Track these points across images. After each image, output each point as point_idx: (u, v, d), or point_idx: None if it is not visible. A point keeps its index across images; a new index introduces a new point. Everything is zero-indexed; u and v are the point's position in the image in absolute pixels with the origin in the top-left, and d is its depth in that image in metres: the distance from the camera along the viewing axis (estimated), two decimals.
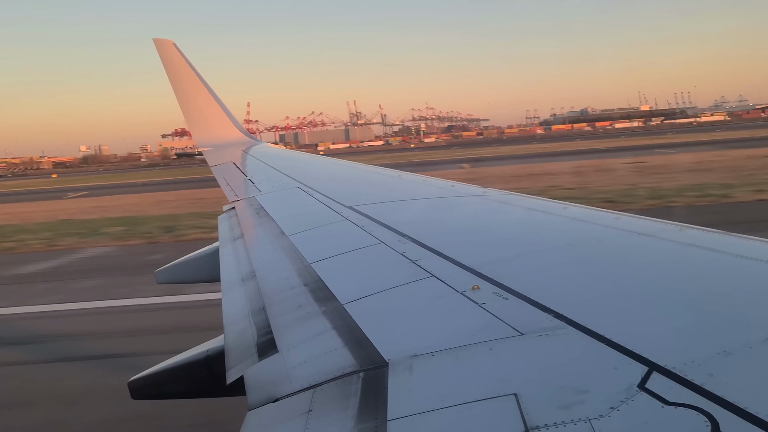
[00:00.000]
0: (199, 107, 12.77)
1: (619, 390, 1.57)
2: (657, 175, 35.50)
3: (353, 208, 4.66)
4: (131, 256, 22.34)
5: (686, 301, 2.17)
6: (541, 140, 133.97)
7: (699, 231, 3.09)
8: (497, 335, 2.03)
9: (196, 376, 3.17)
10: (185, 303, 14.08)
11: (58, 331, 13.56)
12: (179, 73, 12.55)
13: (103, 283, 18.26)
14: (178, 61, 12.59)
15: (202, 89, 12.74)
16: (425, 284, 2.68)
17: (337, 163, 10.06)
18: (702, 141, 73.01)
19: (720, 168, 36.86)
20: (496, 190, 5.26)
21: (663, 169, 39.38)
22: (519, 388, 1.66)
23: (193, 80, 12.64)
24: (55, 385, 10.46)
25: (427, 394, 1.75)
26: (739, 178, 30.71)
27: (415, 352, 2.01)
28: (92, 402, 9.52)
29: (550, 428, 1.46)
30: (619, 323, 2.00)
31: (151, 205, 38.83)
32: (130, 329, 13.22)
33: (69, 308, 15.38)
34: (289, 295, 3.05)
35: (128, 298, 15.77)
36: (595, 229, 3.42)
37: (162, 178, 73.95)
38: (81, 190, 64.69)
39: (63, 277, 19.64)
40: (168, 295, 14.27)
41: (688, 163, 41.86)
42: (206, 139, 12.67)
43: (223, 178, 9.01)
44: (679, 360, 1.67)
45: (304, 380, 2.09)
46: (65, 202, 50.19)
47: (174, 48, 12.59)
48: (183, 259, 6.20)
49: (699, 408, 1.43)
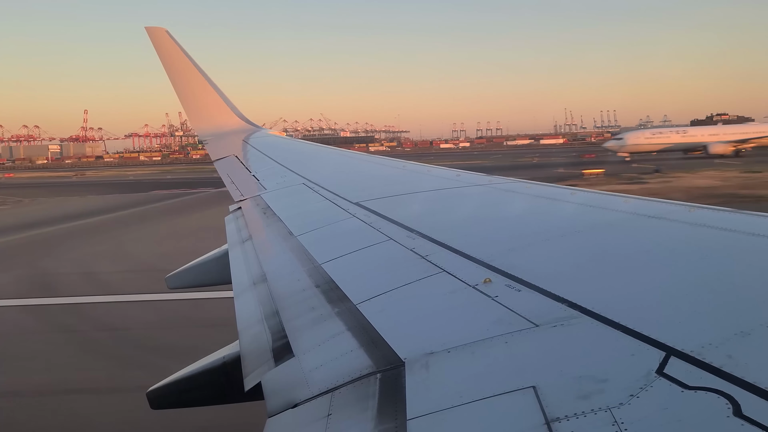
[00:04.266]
0: (197, 95, 12.42)
1: (637, 377, 1.56)
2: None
3: (360, 204, 4.65)
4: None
5: (700, 283, 2.16)
6: (439, 155, 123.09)
7: (709, 210, 3.06)
8: (512, 328, 2.02)
9: (214, 383, 3.18)
10: None
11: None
12: (174, 60, 12.22)
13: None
14: (172, 49, 12.26)
15: (198, 76, 12.38)
16: (437, 280, 2.68)
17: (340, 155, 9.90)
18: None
19: None
20: (502, 178, 5.23)
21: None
22: (537, 381, 1.65)
23: (189, 67, 12.30)
24: None
25: (445, 391, 1.75)
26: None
27: (430, 350, 2.01)
28: None
29: (570, 419, 1.45)
30: (633, 309, 1.99)
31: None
32: None
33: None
34: (302, 297, 3.05)
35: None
36: (603, 214, 3.40)
37: None
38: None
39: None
40: None
41: None
42: (206, 128, 12.40)
43: (227, 174, 8.84)
44: (696, 343, 1.66)
45: (321, 384, 2.09)
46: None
47: (167, 35, 12.26)
48: (193, 263, 6.20)
49: (719, 390, 1.42)
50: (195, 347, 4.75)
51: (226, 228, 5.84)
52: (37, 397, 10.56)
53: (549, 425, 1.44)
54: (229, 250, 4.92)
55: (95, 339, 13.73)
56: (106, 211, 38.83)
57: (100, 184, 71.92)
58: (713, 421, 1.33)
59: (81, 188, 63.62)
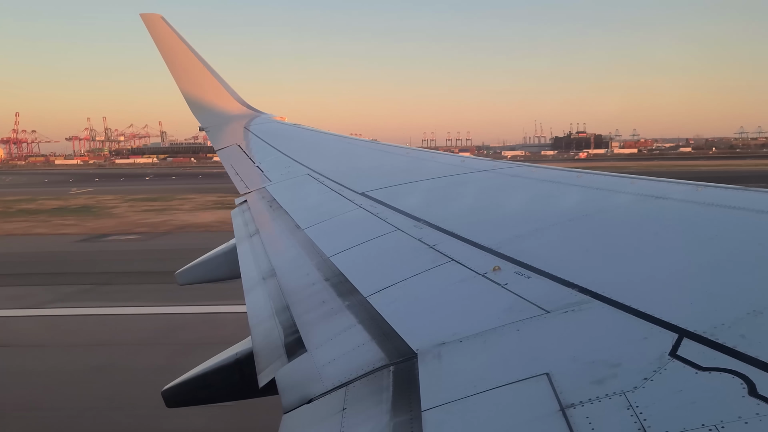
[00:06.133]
0: (195, 81, 12.16)
1: (651, 360, 1.56)
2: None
3: (365, 195, 4.64)
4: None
5: (710, 263, 2.15)
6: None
7: (717, 189, 3.04)
8: (523, 315, 2.02)
9: (228, 379, 3.20)
10: None
11: None
12: (171, 47, 11.96)
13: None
14: (168, 35, 12.02)
15: (196, 62, 12.15)
16: (446, 269, 2.68)
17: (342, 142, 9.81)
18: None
19: None
20: (507, 163, 5.21)
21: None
22: (550, 367, 1.66)
23: (186, 54, 12.08)
24: None
25: (459, 381, 1.76)
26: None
27: (442, 340, 2.01)
28: None
29: (585, 405, 1.45)
30: (644, 292, 1.99)
31: None
32: None
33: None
34: (312, 291, 3.06)
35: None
36: (610, 197, 3.38)
37: None
38: None
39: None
40: None
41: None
42: (206, 115, 12.15)
43: (230, 165, 8.77)
44: (708, 324, 1.66)
45: (335, 378, 2.10)
46: None
47: (162, 21, 12.02)
48: (201, 258, 6.20)
49: (733, 371, 1.42)
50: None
51: (233, 222, 5.84)
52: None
53: (564, 411, 1.45)
54: (237, 245, 4.92)
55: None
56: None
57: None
58: (728, 401, 1.33)
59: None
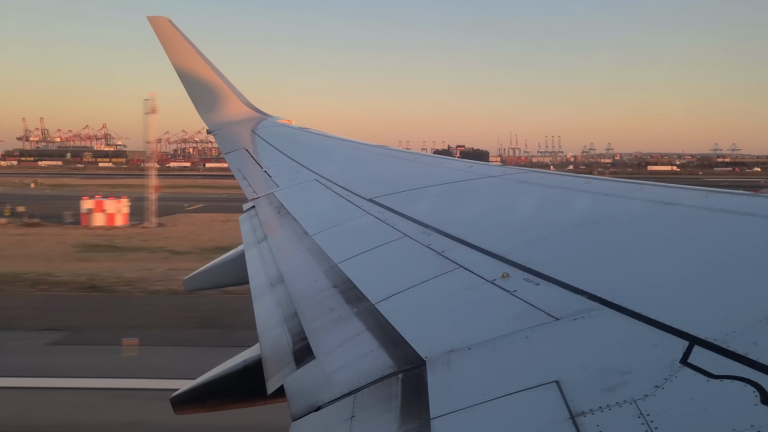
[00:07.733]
0: (203, 84, 12.12)
1: (661, 367, 1.54)
2: None
3: (373, 201, 4.64)
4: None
5: (721, 270, 2.13)
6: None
7: (726, 195, 3.02)
8: (532, 323, 2.01)
9: (236, 386, 3.21)
10: None
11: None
12: (178, 50, 11.95)
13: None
14: (175, 38, 11.99)
15: (204, 65, 12.09)
16: (454, 276, 2.67)
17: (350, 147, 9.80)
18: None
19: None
20: (515, 168, 5.20)
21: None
22: (560, 375, 1.64)
23: (193, 56, 12.03)
24: None
25: (468, 388, 1.75)
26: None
27: (451, 348, 2.00)
28: None
29: (595, 413, 1.44)
30: (654, 299, 1.97)
31: None
32: None
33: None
34: (320, 298, 3.06)
35: None
36: (619, 203, 3.36)
37: None
38: None
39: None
40: None
41: None
42: (214, 118, 12.12)
43: (238, 170, 8.78)
44: (719, 331, 1.64)
45: (343, 385, 2.09)
46: None
47: (170, 24, 12.00)
48: (209, 265, 6.21)
49: (745, 378, 1.41)
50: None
51: (240, 227, 5.85)
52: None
53: (574, 420, 1.44)
54: (245, 251, 4.93)
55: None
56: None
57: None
58: (740, 409, 1.32)
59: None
